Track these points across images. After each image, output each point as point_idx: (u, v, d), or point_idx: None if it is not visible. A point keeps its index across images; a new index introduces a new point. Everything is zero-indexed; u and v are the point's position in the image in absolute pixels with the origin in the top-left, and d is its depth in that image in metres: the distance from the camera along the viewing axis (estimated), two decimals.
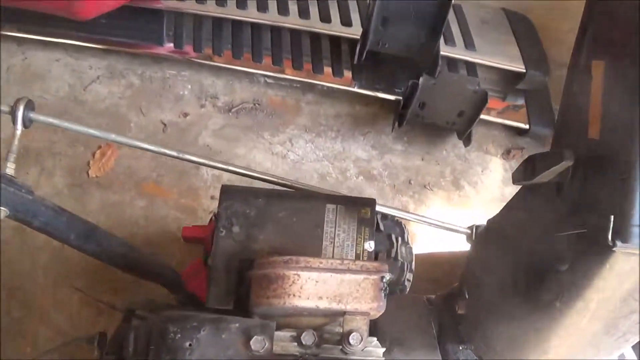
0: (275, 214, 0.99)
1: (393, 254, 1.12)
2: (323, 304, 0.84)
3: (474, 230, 1.13)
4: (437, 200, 1.84)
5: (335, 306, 0.85)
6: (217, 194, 1.86)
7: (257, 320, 0.86)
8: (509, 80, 1.96)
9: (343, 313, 0.86)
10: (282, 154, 1.85)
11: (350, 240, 0.99)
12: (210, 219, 1.48)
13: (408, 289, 1.21)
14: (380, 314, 0.88)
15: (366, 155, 1.88)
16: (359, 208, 1.02)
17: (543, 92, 1.98)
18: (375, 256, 1.04)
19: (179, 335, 0.82)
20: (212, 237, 1.02)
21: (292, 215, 0.99)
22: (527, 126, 1.92)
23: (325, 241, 0.99)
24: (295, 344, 0.85)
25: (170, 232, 1.70)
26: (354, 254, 0.99)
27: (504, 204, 0.98)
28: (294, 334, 0.86)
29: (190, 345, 0.81)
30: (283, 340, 0.85)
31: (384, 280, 0.87)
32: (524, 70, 1.89)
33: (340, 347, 0.85)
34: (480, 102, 1.71)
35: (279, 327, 0.86)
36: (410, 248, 1.17)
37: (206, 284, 1.01)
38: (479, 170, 1.91)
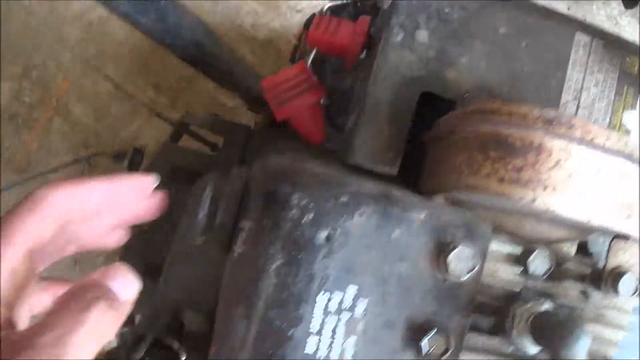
0: (492, 27, 0.51)
1: None
2: (601, 217, 0.38)
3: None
4: None
5: (618, 223, 0.38)
6: None
7: (456, 209, 0.42)
8: None
9: (615, 236, 0.44)
10: None
11: (605, 102, 0.53)
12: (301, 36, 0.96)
13: None
14: None
15: None
16: (623, 53, 0.53)
17: None
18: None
19: (309, 216, 0.37)
20: (364, 42, 0.53)
21: (520, 35, 0.51)
22: None
23: (567, 94, 0.52)
24: (516, 268, 0.44)
25: (242, 27, 1.24)
26: (605, 126, 0.52)
27: None
28: (516, 250, 0.44)
29: (328, 239, 0.37)
30: (498, 259, 0.43)
31: None
32: None
33: (583, 288, 0.45)
34: None
35: None
36: None
37: (313, 119, 0.59)
38: None
